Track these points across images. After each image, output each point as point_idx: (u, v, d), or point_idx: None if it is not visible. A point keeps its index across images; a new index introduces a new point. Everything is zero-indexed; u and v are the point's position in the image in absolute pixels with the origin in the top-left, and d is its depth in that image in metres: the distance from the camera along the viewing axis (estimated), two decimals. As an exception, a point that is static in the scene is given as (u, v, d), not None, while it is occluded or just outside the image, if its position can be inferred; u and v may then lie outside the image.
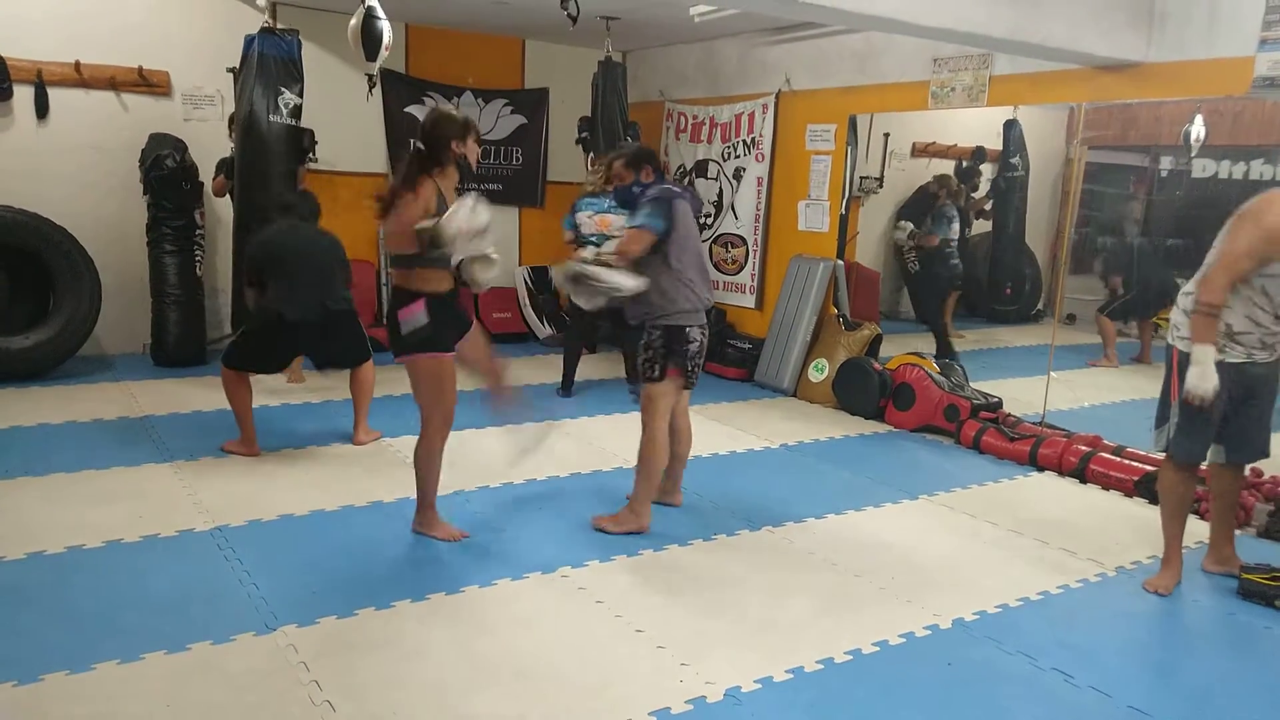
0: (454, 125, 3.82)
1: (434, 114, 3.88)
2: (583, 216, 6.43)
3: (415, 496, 4.09)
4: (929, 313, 8.09)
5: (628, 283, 3.99)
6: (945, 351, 7.62)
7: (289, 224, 5.23)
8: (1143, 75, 5.26)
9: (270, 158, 6.13)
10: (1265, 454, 3.88)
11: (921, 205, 8.56)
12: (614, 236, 6.22)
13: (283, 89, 6.22)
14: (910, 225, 8.15)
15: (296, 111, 6.30)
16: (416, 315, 3.80)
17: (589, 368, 7.25)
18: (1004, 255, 8.72)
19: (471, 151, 3.88)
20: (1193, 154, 7.14)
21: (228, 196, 6.78)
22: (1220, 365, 3.58)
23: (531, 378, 7.12)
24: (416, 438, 4.02)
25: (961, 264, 8.07)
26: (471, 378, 4.25)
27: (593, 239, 6.26)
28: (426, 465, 4.02)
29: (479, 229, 3.69)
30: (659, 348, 4.12)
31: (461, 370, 4.04)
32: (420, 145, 3.82)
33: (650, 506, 4.29)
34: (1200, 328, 3.59)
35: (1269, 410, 3.77)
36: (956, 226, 7.99)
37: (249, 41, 6.20)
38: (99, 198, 6.95)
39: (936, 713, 2.93)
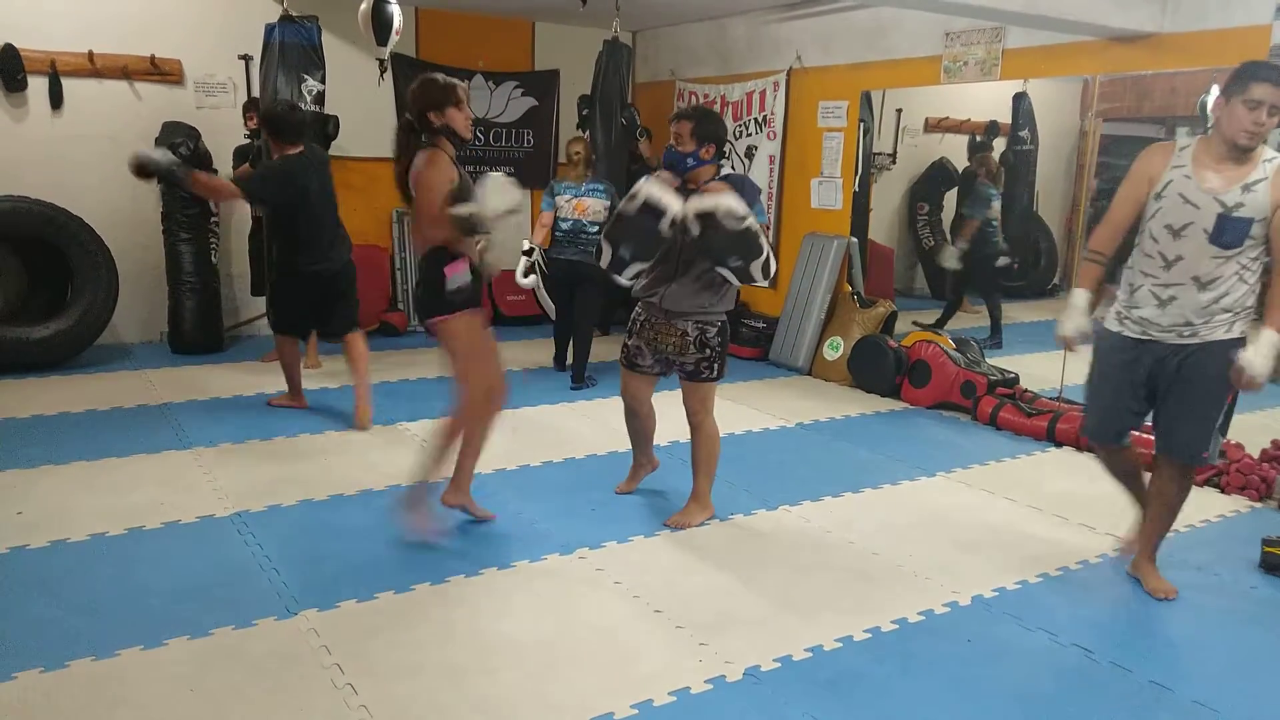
0: (430, 94, 3.64)
1: (413, 84, 3.70)
2: (561, 200, 6.44)
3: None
4: (986, 293, 7.99)
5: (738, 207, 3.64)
6: (997, 330, 7.60)
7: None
8: (1158, 46, 5.20)
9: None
10: (1189, 454, 3.47)
11: (934, 182, 8.50)
12: (596, 221, 6.23)
13: (305, 76, 6.26)
14: (953, 248, 7.90)
15: (320, 98, 6.35)
16: (463, 272, 3.66)
17: (601, 349, 7.24)
18: (1012, 230, 8.63)
19: (455, 120, 3.66)
20: (1209, 124, 7.07)
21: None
22: (1120, 338, 3.47)
23: (545, 360, 7.12)
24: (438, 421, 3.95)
25: (1003, 239, 7.98)
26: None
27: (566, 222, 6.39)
28: (464, 436, 3.82)
29: (515, 208, 3.58)
30: (717, 346, 3.99)
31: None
32: (408, 116, 3.71)
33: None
34: (1081, 272, 3.59)
35: (1197, 403, 3.40)
36: (997, 205, 7.89)
37: (269, 30, 6.22)
38: (114, 187, 6.96)
39: (957, 690, 2.93)
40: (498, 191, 3.54)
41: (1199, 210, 3.27)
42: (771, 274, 3.77)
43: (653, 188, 3.65)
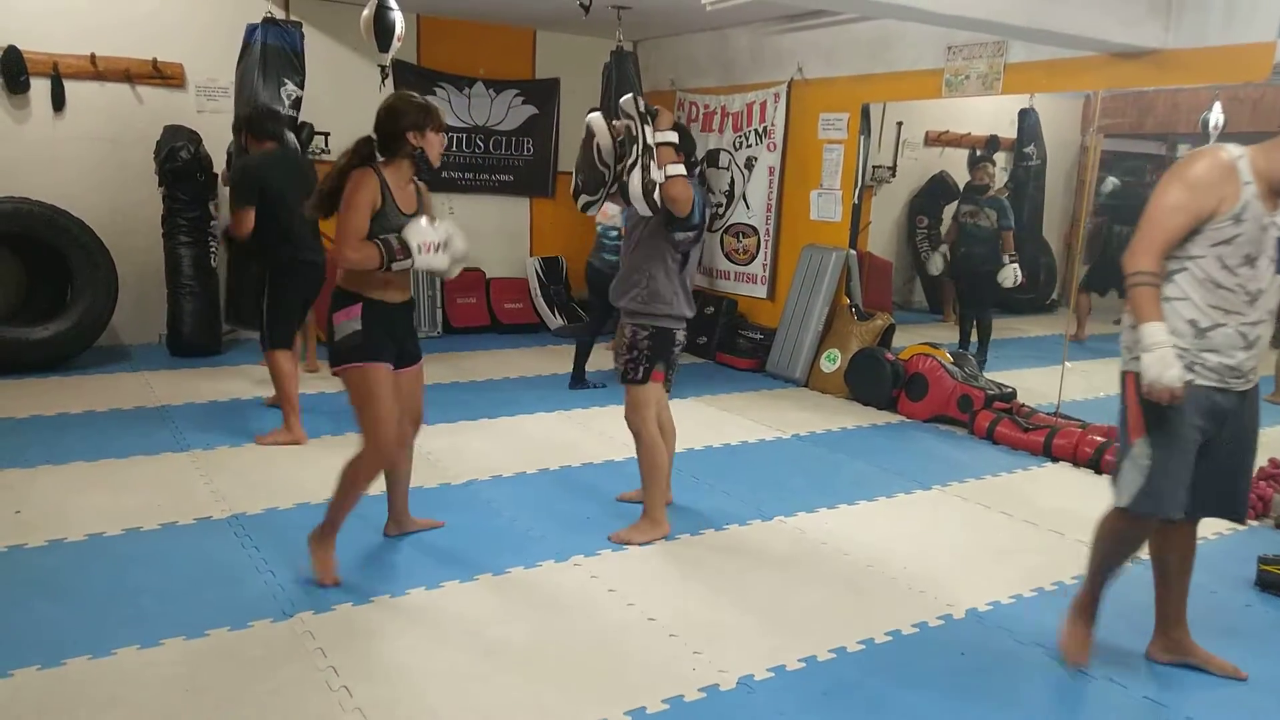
0: (411, 114, 3.40)
1: (390, 99, 3.47)
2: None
3: (389, 493, 3.87)
4: (982, 304, 7.92)
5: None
6: (984, 347, 7.58)
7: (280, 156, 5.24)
8: (1161, 62, 5.23)
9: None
10: (1244, 513, 3.07)
11: (935, 195, 8.53)
12: (614, 226, 6.27)
13: (285, 80, 6.20)
14: (1015, 271, 7.83)
15: (297, 103, 6.30)
16: (352, 319, 3.40)
17: (599, 357, 7.25)
18: (1020, 245, 8.65)
19: (431, 145, 3.44)
20: (1211, 142, 7.10)
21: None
22: (1190, 388, 2.82)
23: (542, 368, 7.14)
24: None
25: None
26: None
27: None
28: (345, 486, 3.50)
29: (439, 243, 3.39)
30: (645, 349, 3.96)
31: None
32: (372, 133, 3.43)
33: (665, 510, 4.16)
34: (1140, 301, 2.81)
35: (1251, 455, 3.03)
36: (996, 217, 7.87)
37: (250, 30, 6.19)
38: (115, 190, 6.99)
39: (950, 703, 2.93)
40: (424, 224, 3.38)
41: (1267, 236, 2.83)
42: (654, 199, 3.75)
43: (592, 116, 3.93)
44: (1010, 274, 7.48)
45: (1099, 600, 3.18)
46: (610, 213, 6.30)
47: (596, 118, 3.95)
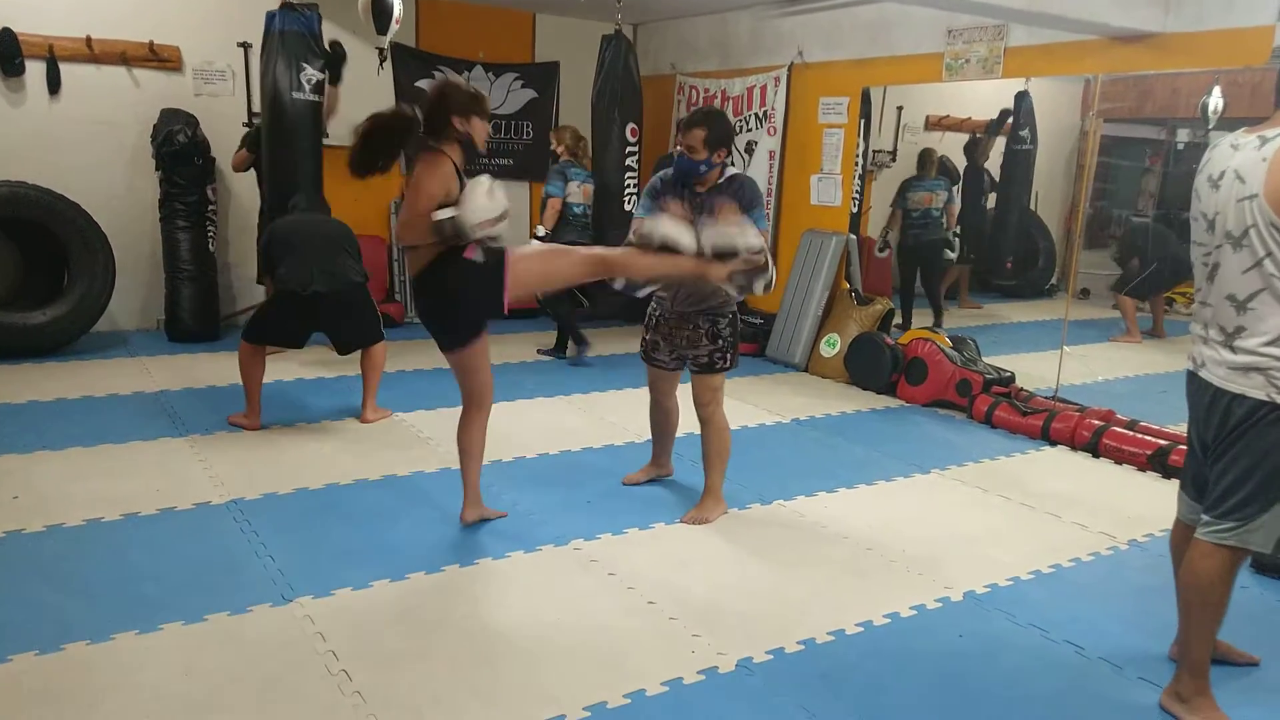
0: (458, 98, 3.48)
1: (438, 84, 3.57)
2: (574, 185, 6.66)
3: (462, 478, 3.95)
4: (935, 285, 8.10)
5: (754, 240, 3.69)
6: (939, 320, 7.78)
7: (297, 215, 5.36)
8: (1160, 46, 5.21)
9: (296, 134, 6.08)
10: None
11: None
12: (581, 203, 6.66)
13: (304, 65, 6.21)
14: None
15: (320, 87, 6.32)
16: (477, 252, 3.43)
17: (618, 343, 7.25)
18: (1007, 229, 8.63)
19: (477, 130, 3.50)
20: (1210, 126, 7.07)
21: (242, 173, 6.82)
22: None
23: (534, 353, 7.13)
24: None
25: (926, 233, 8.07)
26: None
27: (579, 208, 6.69)
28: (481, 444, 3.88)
29: (500, 215, 3.42)
30: (729, 338, 4.07)
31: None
32: (419, 118, 3.46)
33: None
34: None
35: None
36: (939, 195, 7.95)
37: (270, 18, 6.20)
38: (112, 174, 6.96)
39: (948, 685, 2.94)
40: (483, 196, 3.38)
41: None
42: (770, 286, 3.76)
43: (668, 228, 3.63)
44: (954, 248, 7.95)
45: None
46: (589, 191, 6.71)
47: (670, 227, 3.64)
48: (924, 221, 7.87)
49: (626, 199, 7.11)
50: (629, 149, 7.33)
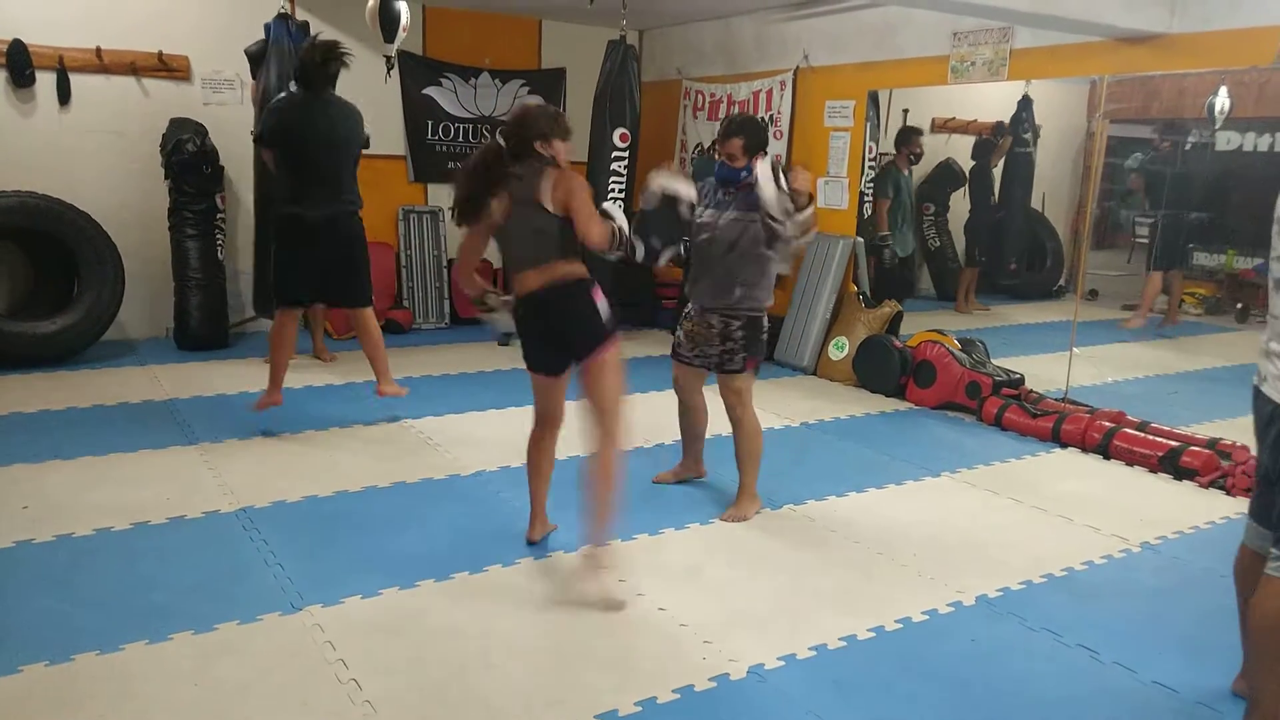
0: (539, 123, 3.43)
1: (517, 111, 3.51)
2: None
3: (599, 519, 3.48)
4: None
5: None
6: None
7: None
8: (1166, 47, 5.19)
9: None
10: None
11: (941, 182, 8.51)
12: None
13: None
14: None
15: None
16: (603, 299, 3.48)
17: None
18: (1010, 230, 8.60)
19: (559, 151, 3.46)
20: (1217, 126, 7.05)
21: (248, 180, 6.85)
22: None
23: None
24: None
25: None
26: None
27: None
28: (621, 482, 3.51)
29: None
30: (740, 339, 4.13)
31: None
32: (501, 141, 3.44)
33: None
34: None
35: None
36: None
37: (268, 29, 6.29)
38: (121, 183, 6.98)
39: (960, 689, 2.93)
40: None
41: None
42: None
43: (665, 179, 3.83)
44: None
45: None
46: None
47: (666, 179, 3.86)
48: None
49: (609, 202, 7.14)
50: (616, 153, 7.35)
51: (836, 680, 2.94)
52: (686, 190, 3.83)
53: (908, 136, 7.80)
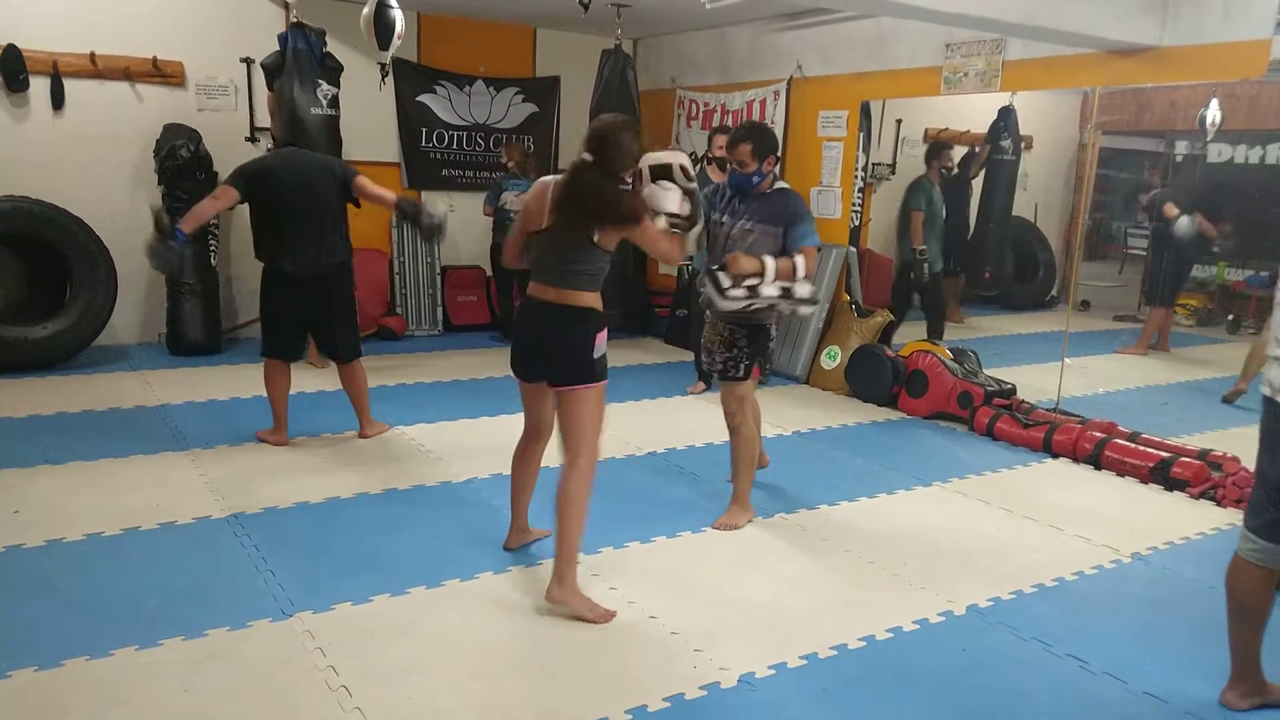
0: (627, 151, 3.33)
1: (599, 126, 3.38)
2: (509, 195, 7.37)
3: (556, 542, 3.37)
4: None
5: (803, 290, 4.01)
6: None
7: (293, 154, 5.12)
8: (1157, 59, 5.22)
9: (315, 148, 6.06)
10: None
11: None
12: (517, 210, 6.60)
13: (320, 81, 6.45)
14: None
15: (335, 101, 6.52)
16: (603, 343, 3.39)
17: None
18: (987, 239, 8.58)
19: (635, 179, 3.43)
20: (1208, 138, 7.09)
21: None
22: None
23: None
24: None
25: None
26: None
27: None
28: (581, 510, 3.38)
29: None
30: (745, 348, 4.15)
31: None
32: (587, 157, 3.31)
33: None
34: None
35: None
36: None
37: (282, 39, 6.37)
38: (114, 188, 6.98)
39: (951, 699, 2.93)
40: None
41: None
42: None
43: (659, 153, 3.54)
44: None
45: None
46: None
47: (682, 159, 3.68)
48: None
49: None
50: None
51: (827, 689, 2.94)
52: (671, 155, 3.52)
53: (938, 150, 7.77)
